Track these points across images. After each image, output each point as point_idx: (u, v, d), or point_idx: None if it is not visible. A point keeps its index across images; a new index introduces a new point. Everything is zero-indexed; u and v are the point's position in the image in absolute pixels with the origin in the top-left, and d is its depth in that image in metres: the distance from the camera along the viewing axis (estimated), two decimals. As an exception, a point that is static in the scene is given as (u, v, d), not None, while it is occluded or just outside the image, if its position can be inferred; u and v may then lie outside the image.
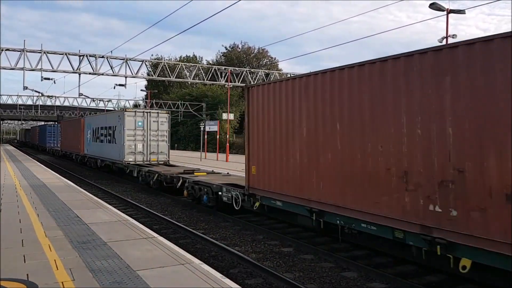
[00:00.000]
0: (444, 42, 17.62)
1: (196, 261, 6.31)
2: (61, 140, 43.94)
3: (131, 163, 22.37)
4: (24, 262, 6.17)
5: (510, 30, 5.67)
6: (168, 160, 23.58)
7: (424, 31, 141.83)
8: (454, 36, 17.59)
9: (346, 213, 8.37)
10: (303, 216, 9.93)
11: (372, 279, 8.01)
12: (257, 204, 11.51)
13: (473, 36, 7.23)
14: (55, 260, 6.23)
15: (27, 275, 5.53)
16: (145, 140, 22.89)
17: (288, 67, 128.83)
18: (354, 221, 8.26)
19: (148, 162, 22.83)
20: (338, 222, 8.70)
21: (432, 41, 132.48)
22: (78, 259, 6.31)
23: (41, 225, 8.83)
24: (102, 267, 5.91)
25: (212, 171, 19.32)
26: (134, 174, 21.38)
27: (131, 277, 5.53)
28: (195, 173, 17.89)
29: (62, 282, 5.26)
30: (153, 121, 22.95)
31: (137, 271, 5.78)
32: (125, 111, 22.87)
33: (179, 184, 16.75)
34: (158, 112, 23.55)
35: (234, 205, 12.49)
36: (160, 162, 23.13)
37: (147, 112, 23.25)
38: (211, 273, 5.71)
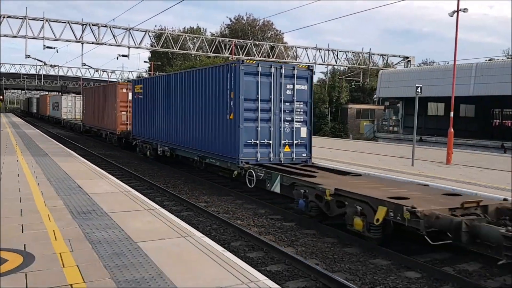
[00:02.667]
0: (454, 16, 17.10)
1: (198, 233, 6.20)
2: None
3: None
4: (22, 232, 6.07)
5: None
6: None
7: (427, 6, 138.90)
8: (465, 10, 17.04)
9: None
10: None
11: (374, 255, 7.93)
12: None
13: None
14: (53, 230, 6.13)
15: (24, 245, 5.43)
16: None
17: (292, 40, 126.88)
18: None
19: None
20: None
21: (436, 16, 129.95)
22: (77, 230, 6.21)
23: (41, 194, 8.74)
24: (101, 238, 5.81)
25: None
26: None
27: (131, 248, 5.42)
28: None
29: (59, 253, 5.15)
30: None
31: (137, 242, 5.67)
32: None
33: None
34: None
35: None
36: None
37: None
38: (212, 246, 5.59)
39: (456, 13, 17.07)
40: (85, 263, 4.87)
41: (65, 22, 35.81)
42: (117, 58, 42.83)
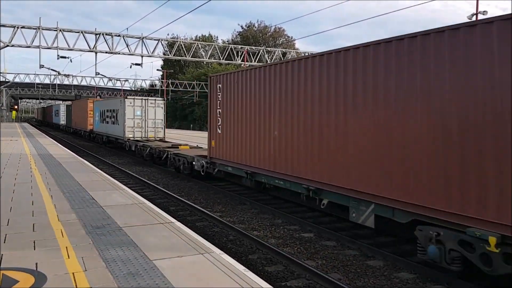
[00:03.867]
0: (474, 19, 16.68)
1: (216, 250, 5.91)
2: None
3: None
4: (34, 249, 5.86)
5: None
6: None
7: (441, 9, 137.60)
8: (484, 12, 16.62)
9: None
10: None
11: (399, 268, 7.60)
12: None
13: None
14: (66, 247, 5.91)
15: (36, 264, 5.21)
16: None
17: (303, 46, 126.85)
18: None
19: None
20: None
21: (449, 20, 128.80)
22: (91, 247, 5.98)
23: (54, 207, 8.56)
24: (116, 256, 5.56)
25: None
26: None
27: (146, 267, 5.16)
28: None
29: (73, 273, 4.92)
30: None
31: (153, 260, 5.41)
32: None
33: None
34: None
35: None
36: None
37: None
38: (232, 265, 5.30)
39: (475, 16, 16.67)
40: (99, 284, 4.62)
41: (78, 32, 36.03)
42: (130, 67, 43.07)
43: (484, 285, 6.76)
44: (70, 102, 57.89)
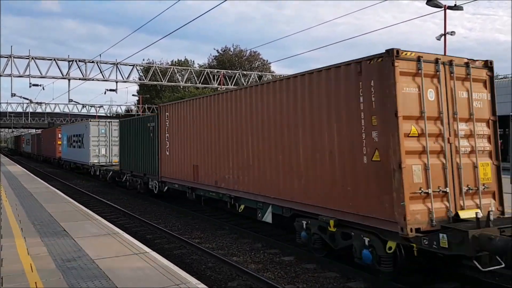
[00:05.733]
0: (442, 40, 17.18)
1: (193, 280, 5.73)
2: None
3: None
4: (1, 285, 5.56)
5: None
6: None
7: (409, 31, 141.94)
8: (452, 33, 17.15)
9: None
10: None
11: (381, 291, 7.50)
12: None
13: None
14: (36, 283, 5.64)
15: (3, 303, 4.94)
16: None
17: (277, 69, 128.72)
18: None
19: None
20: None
21: (418, 41, 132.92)
22: (61, 281, 5.71)
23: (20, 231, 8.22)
24: (87, 291, 5.32)
25: None
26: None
27: (119, 302, 4.94)
28: None
29: (41, 312, 4.67)
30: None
31: (126, 294, 5.20)
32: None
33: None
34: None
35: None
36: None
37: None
38: (209, 296, 5.13)
39: (443, 37, 17.17)
40: (68, 322, 4.39)
41: (51, 59, 35.60)
42: (105, 93, 42.53)
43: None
44: (40, 131, 57.50)
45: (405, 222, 6.79)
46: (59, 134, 38.37)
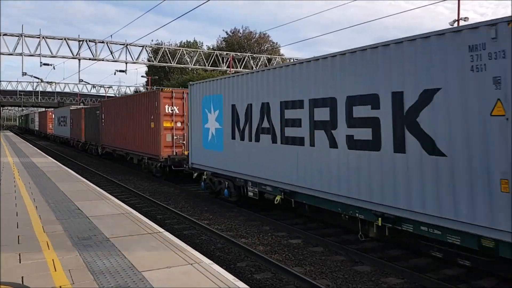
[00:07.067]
0: (455, 25, 16.98)
1: (206, 260, 5.90)
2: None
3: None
4: (20, 262, 5.77)
5: None
6: None
7: (422, 15, 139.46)
8: (466, 19, 16.95)
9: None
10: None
11: (386, 273, 7.65)
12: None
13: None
14: (53, 260, 5.84)
15: (22, 278, 5.13)
16: None
17: (288, 52, 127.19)
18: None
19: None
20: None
21: (430, 26, 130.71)
22: (78, 259, 5.91)
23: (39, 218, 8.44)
24: (104, 268, 5.51)
25: None
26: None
27: (135, 279, 5.12)
28: None
29: (60, 287, 4.86)
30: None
31: (142, 272, 5.37)
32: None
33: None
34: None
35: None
36: None
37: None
38: (222, 275, 5.29)
39: (457, 22, 16.97)
40: (87, 297, 4.58)
41: (61, 39, 35.71)
42: (115, 74, 42.62)
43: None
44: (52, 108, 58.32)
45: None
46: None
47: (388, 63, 7.48)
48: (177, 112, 18.25)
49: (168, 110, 18.01)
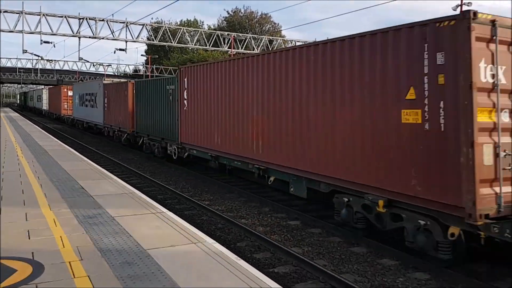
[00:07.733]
0: (458, 10, 16.95)
1: (209, 239, 6.12)
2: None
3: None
4: (29, 238, 5.98)
5: None
6: None
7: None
8: (469, 3, 16.90)
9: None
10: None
11: (382, 255, 7.88)
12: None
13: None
14: (61, 236, 6.05)
15: (32, 253, 5.35)
16: None
17: (288, 33, 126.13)
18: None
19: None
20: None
21: (434, 8, 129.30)
22: (85, 236, 6.12)
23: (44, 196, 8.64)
24: (110, 246, 5.72)
25: None
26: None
27: (141, 256, 5.33)
28: None
29: (69, 262, 5.08)
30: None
31: (147, 250, 5.59)
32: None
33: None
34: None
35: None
36: None
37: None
38: (225, 254, 5.51)
39: (460, 7, 16.93)
40: (96, 273, 4.79)
41: (62, 17, 35.46)
42: (115, 52, 42.45)
43: (463, 273, 7.08)
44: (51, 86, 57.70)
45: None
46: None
47: None
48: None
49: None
